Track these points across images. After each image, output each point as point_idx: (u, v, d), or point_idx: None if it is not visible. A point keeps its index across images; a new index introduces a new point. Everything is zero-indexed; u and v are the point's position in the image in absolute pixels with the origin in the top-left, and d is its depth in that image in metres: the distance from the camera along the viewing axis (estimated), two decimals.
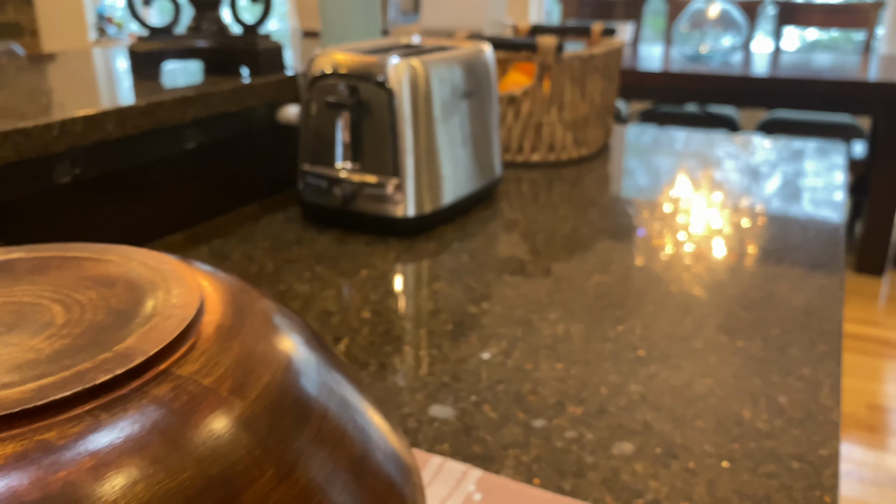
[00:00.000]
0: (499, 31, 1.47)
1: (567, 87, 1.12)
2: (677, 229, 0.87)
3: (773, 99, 2.88)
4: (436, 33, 1.45)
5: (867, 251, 2.90)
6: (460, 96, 0.88)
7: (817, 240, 0.83)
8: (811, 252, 0.79)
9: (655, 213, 0.92)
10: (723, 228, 0.87)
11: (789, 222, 0.89)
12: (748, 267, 0.76)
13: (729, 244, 0.82)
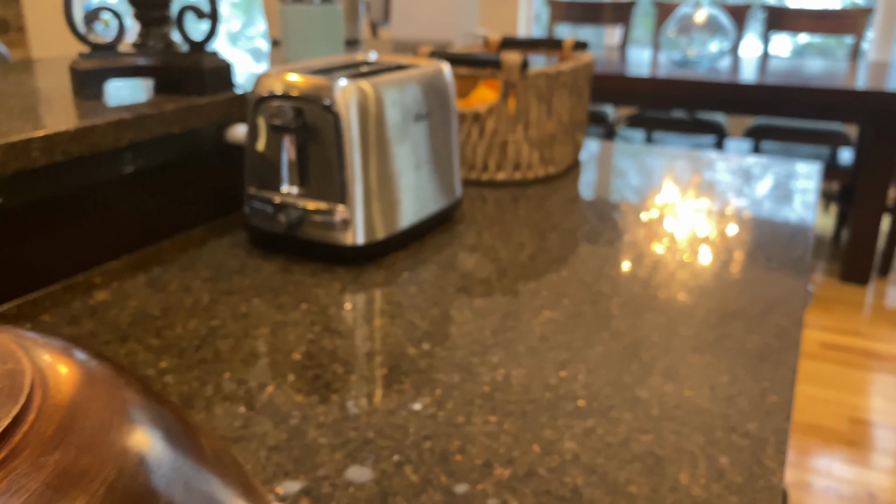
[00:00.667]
0: (470, 43, 1.43)
1: (533, 105, 1.09)
2: (636, 261, 0.83)
3: (761, 106, 2.86)
4: (406, 45, 1.41)
5: (852, 260, 2.88)
6: (414, 118, 0.85)
7: (778, 277, 0.80)
8: (772, 289, 0.76)
9: (615, 241, 0.89)
10: (682, 263, 0.84)
11: (753, 258, 0.86)
12: (703, 305, 0.72)
13: (686, 282, 0.79)
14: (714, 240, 0.89)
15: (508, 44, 1.31)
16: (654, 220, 0.96)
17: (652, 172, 1.18)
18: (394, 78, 0.83)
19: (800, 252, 0.86)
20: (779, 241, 0.89)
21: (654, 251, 0.86)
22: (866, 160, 2.77)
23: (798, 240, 0.90)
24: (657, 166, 1.22)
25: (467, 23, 1.40)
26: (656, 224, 0.95)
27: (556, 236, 0.90)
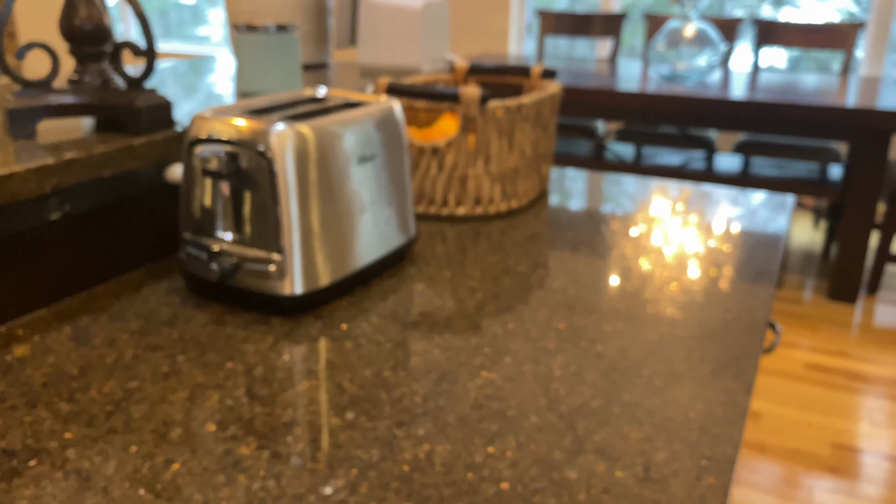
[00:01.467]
0: (439, 69, 1.40)
1: (493, 139, 1.05)
2: (586, 312, 0.80)
3: (750, 123, 2.82)
4: (372, 70, 1.38)
5: (840, 278, 2.84)
6: (359, 160, 0.81)
7: (734, 334, 0.76)
8: (725, 349, 0.72)
9: (568, 289, 0.85)
10: (633, 317, 0.80)
11: (709, 311, 0.82)
12: (651, 366, 0.69)
13: (633, 337, 0.75)
14: (667, 296, 0.86)
15: (476, 71, 1.28)
16: (611, 262, 0.93)
17: (617, 208, 1.14)
18: (337, 120, 0.79)
19: (759, 302, 0.82)
20: (738, 293, 0.85)
21: (605, 302, 0.82)
22: (855, 177, 2.73)
23: (760, 289, 0.86)
24: (626, 200, 1.18)
25: (436, 48, 1.37)
26: (613, 268, 0.91)
27: (508, 281, 0.86)
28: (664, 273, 0.89)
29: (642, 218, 1.09)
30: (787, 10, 4.24)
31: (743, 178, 2.96)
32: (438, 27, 1.36)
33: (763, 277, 0.88)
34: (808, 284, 3.05)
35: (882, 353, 2.51)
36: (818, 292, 2.96)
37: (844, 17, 4.07)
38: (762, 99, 2.70)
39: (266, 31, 1.06)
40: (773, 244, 0.99)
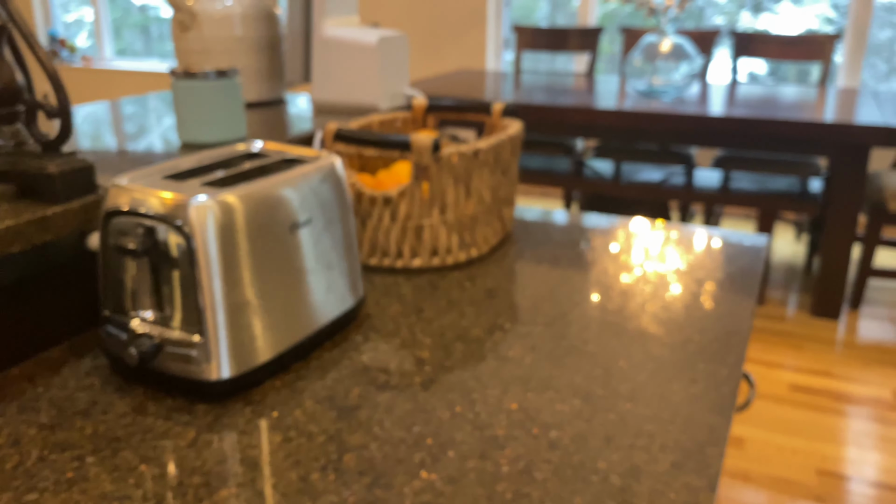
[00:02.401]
0: (398, 104, 1.34)
1: (449, 187, 0.99)
2: (540, 386, 0.73)
3: (728, 139, 2.77)
4: (328, 107, 1.31)
5: (823, 293, 2.80)
6: (294, 227, 0.74)
7: (694, 415, 0.70)
8: (686, 433, 0.66)
9: (524, 358, 0.79)
10: (590, 400, 0.74)
11: (667, 389, 0.76)
12: (605, 458, 0.62)
13: (584, 434, 0.69)
14: (629, 368, 0.79)
15: (435, 108, 1.21)
16: (572, 324, 0.86)
17: (580, 258, 1.08)
18: (269, 185, 0.73)
19: (728, 371, 0.76)
20: (704, 361, 0.79)
21: (564, 374, 0.75)
22: (835, 191, 2.69)
23: (733, 347, 0.80)
24: (593, 245, 1.12)
25: (394, 83, 1.30)
26: (574, 331, 0.85)
27: (461, 349, 0.80)
28: (627, 341, 0.83)
29: (607, 269, 1.03)
30: (766, 17, 4.21)
31: (723, 193, 2.91)
32: (396, 61, 1.29)
33: (730, 350, 0.82)
34: (791, 300, 3.00)
35: (866, 371, 2.46)
36: (801, 308, 2.91)
37: (822, 24, 4.05)
38: (740, 115, 2.66)
39: (205, 78, 1.00)
40: (740, 316, 0.93)
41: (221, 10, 1.29)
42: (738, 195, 2.88)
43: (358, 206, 1.00)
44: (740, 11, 4.29)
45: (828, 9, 4.06)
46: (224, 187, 0.70)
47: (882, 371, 2.46)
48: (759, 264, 1.02)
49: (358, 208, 1.00)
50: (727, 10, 4.29)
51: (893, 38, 3.84)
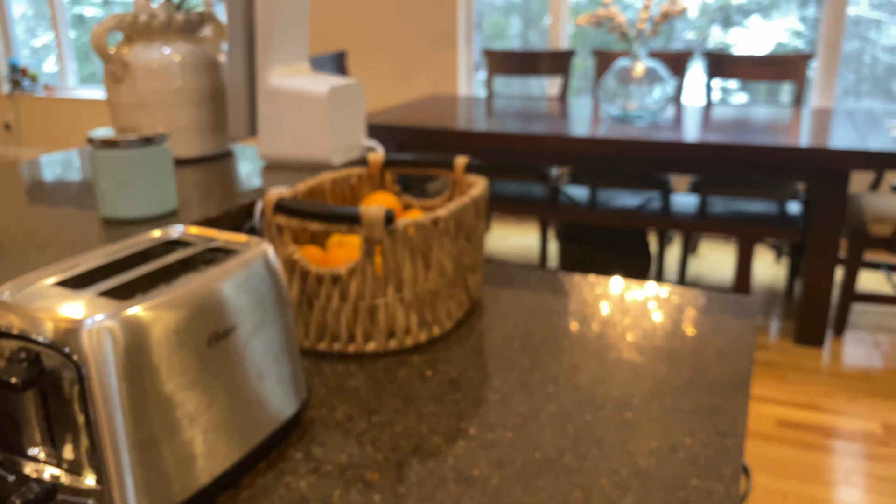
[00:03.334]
0: (354, 156, 1.22)
1: (405, 262, 0.88)
2: None
3: (704, 166, 2.69)
4: (276, 162, 1.20)
5: (806, 320, 2.71)
6: (214, 339, 0.63)
7: None
8: None
9: (489, 480, 0.67)
10: None
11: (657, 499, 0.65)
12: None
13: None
14: (620, 478, 0.68)
15: (393, 164, 1.10)
16: (544, 427, 0.75)
17: (556, 326, 0.97)
18: (185, 291, 0.61)
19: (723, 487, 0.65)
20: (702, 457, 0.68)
21: (535, 500, 0.64)
22: (815, 216, 2.61)
23: (730, 454, 0.69)
24: (570, 310, 1.01)
25: (349, 135, 1.19)
26: (548, 433, 0.73)
27: (416, 468, 0.68)
28: (608, 449, 0.72)
29: (586, 347, 0.92)
30: (736, 31, 4.16)
31: (701, 219, 2.83)
32: (351, 112, 1.18)
33: (727, 459, 0.72)
34: (774, 327, 2.92)
35: (853, 403, 2.37)
36: (784, 335, 2.83)
37: (791, 37, 4.01)
38: (715, 141, 2.57)
39: (128, 146, 0.88)
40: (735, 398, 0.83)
41: (158, 59, 1.17)
42: (717, 222, 2.80)
43: (303, 286, 0.89)
44: (711, 26, 4.25)
45: (796, 22, 4.03)
46: (128, 298, 0.58)
47: (870, 403, 2.37)
48: (751, 344, 0.92)
49: (304, 287, 0.89)
50: (698, 24, 4.25)
51: (861, 49, 3.81)
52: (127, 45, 1.18)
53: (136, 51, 1.17)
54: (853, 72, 3.82)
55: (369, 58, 4.44)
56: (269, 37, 1.12)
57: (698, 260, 3.58)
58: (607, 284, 1.10)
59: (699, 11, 4.20)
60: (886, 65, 3.80)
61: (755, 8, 4.13)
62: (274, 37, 1.13)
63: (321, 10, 4.49)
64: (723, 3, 4.17)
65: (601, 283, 1.10)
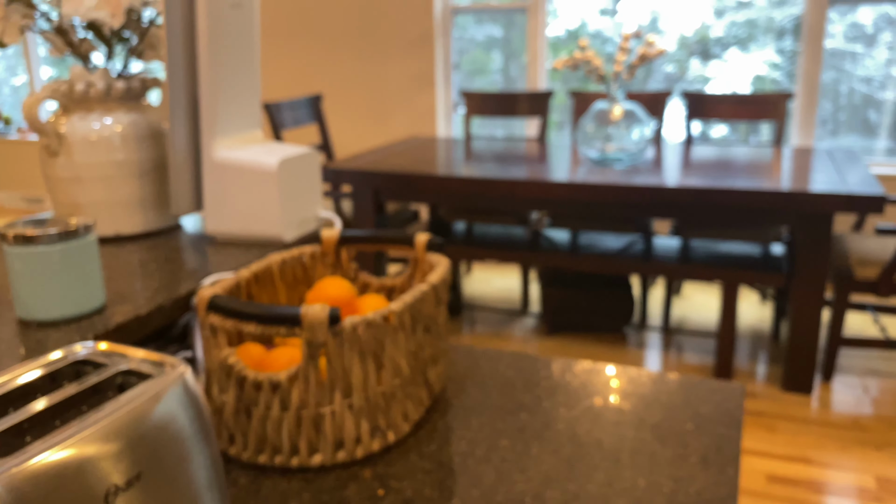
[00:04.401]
0: (309, 230, 1.13)
1: (355, 364, 0.78)
2: None
3: (685, 211, 2.62)
4: (224, 239, 1.10)
5: (793, 367, 2.63)
6: (107, 496, 0.53)
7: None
8: None
9: None
10: None
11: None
12: None
13: None
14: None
15: (349, 241, 1.01)
16: None
17: (527, 428, 0.88)
18: (75, 441, 0.51)
19: None
20: None
21: None
22: (799, 260, 2.54)
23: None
24: (545, 405, 0.91)
25: (303, 209, 1.10)
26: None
27: None
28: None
29: (559, 453, 0.83)
30: (715, 64, 4.14)
31: (684, 265, 2.75)
32: (304, 183, 1.09)
33: None
34: (761, 372, 2.83)
35: (844, 454, 2.28)
36: (771, 382, 2.74)
37: (770, 69, 3.99)
38: (696, 185, 2.51)
39: (45, 241, 0.78)
40: None
41: (98, 130, 1.08)
42: (700, 267, 2.72)
43: (240, 393, 0.79)
44: (690, 59, 4.23)
45: (774, 55, 4.02)
46: (8, 452, 0.48)
47: (862, 454, 2.28)
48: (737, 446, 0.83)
49: (240, 395, 0.79)
50: (677, 57, 4.23)
51: (838, 80, 3.80)
52: (63, 115, 1.09)
53: (73, 122, 1.08)
54: (830, 101, 3.80)
55: (346, 99, 4.38)
56: (213, 105, 1.04)
57: (682, 301, 3.50)
58: (582, 372, 1.00)
59: (678, 45, 4.18)
60: (863, 95, 3.79)
61: (733, 41, 4.13)
62: (220, 104, 1.05)
63: (297, 53, 4.43)
64: (701, 36, 4.16)
65: (576, 371, 1.01)
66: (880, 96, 3.75)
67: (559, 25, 4.24)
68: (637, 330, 3.18)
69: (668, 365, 2.87)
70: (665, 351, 2.99)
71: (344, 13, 4.26)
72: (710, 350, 2.99)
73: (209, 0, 1.00)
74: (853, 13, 3.71)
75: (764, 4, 3.96)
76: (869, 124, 3.83)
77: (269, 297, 0.97)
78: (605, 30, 4.22)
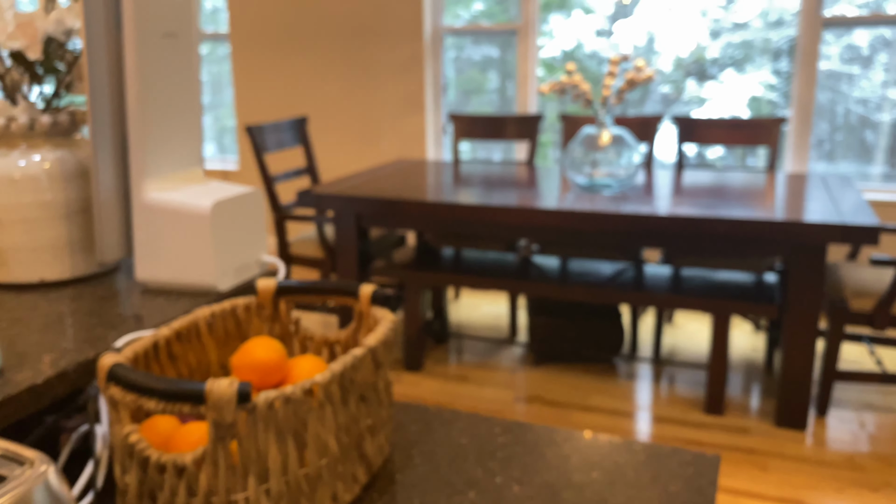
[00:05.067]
0: (251, 277, 1.04)
1: (271, 446, 0.68)
2: None
3: (676, 240, 2.52)
4: (156, 288, 1.01)
5: (786, 402, 2.52)
6: None
7: None
8: None
9: None
10: None
11: None
12: None
13: None
14: None
15: (287, 291, 0.91)
16: None
17: None
18: None
19: None
20: None
21: None
22: (793, 293, 2.44)
23: None
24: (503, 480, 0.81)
25: (242, 254, 1.01)
26: None
27: None
28: None
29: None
30: (711, 85, 4.07)
31: (674, 295, 2.65)
32: (243, 227, 1.00)
33: None
34: (753, 405, 2.72)
35: (840, 496, 2.17)
36: (764, 416, 2.63)
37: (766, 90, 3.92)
38: (687, 214, 2.41)
39: None
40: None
41: (23, 167, 0.99)
42: (691, 299, 2.62)
43: (143, 475, 0.69)
44: (686, 80, 4.17)
45: (770, 76, 3.96)
46: None
47: (858, 495, 2.17)
48: None
49: (143, 478, 0.69)
50: (673, 78, 4.16)
51: (834, 101, 3.73)
52: None
53: None
54: (827, 122, 3.73)
55: (335, 122, 4.30)
56: (143, 142, 0.94)
57: (674, 329, 3.40)
58: (543, 440, 0.90)
59: (674, 66, 4.12)
60: (859, 116, 3.72)
61: (729, 62, 4.06)
62: (151, 142, 0.95)
63: (284, 75, 4.35)
64: (697, 57, 4.10)
65: (536, 438, 0.90)
66: (876, 118, 3.68)
67: (555, 46, 4.17)
68: (627, 360, 3.08)
69: (657, 398, 2.76)
70: (655, 383, 2.88)
71: (332, 34, 4.19)
72: (701, 382, 2.89)
73: (137, 29, 0.92)
74: (849, 35, 3.64)
75: (760, 26, 3.90)
76: (865, 145, 3.76)
77: (197, 357, 0.87)
78: (602, 50, 4.16)
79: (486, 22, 4.08)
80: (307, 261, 3.17)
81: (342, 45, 4.18)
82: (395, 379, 2.90)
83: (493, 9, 4.19)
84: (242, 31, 4.40)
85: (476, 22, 4.14)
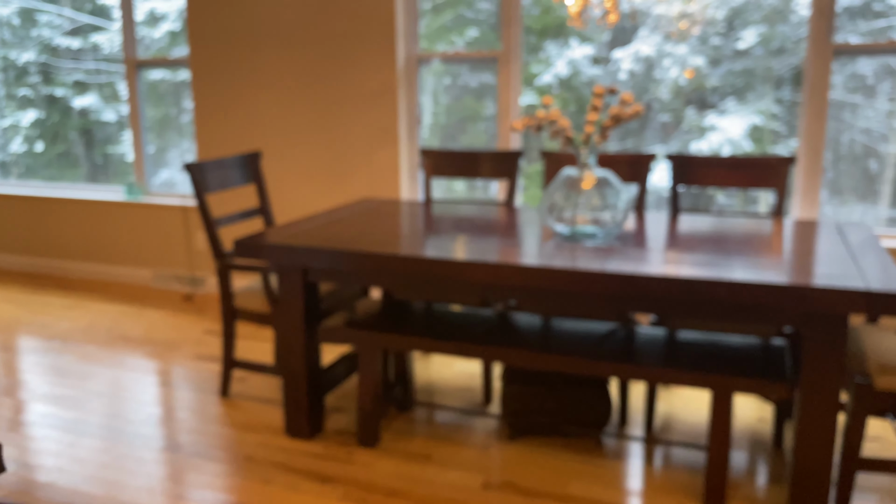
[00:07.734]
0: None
1: None
2: None
3: (669, 305, 2.12)
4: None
5: (800, 492, 2.10)
6: None
7: None
8: None
9: None
10: None
11: None
12: None
13: None
14: None
15: None
16: None
17: None
18: None
19: None
20: None
21: None
22: (808, 367, 2.02)
23: None
24: None
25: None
26: None
27: None
28: None
29: None
30: (711, 116, 3.74)
31: (667, 365, 2.23)
32: None
33: None
34: (759, 493, 2.30)
35: None
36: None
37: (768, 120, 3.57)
38: (683, 275, 2.01)
39: None
40: None
41: None
42: (688, 374, 2.20)
43: None
44: (686, 109, 3.84)
45: (772, 105, 3.63)
46: None
47: None
48: None
49: None
50: (672, 106, 3.83)
51: (839, 130, 3.39)
52: None
53: None
54: (831, 151, 3.38)
55: (300, 157, 3.92)
56: None
57: (669, 395, 2.98)
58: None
59: (673, 94, 3.79)
60: (864, 146, 3.38)
61: (730, 90, 3.77)
62: None
63: (247, 107, 3.98)
64: (697, 85, 3.79)
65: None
66: (882, 148, 3.33)
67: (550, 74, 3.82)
68: (615, 435, 2.66)
69: (650, 482, 2.35)
70: (647, 463, 2.47)
71: (296, 62, 3.82)
72: (700, 461, 2.47)
73: None
74: (853, 63, 3.29)
75: (762, 53, 3.55)
76: (869, 174, 3.42)
77: None
78: (599, 77, 3.82)
79: (484, 49, 3.70)
80: (253, 315, 2.77)
81: (309, 74, 3.81)
82: (345, 458, 2.49)
83: (487, 36, 3.84)
84: (202, 58, 4.04)
85: (454, 49, 3.77)
